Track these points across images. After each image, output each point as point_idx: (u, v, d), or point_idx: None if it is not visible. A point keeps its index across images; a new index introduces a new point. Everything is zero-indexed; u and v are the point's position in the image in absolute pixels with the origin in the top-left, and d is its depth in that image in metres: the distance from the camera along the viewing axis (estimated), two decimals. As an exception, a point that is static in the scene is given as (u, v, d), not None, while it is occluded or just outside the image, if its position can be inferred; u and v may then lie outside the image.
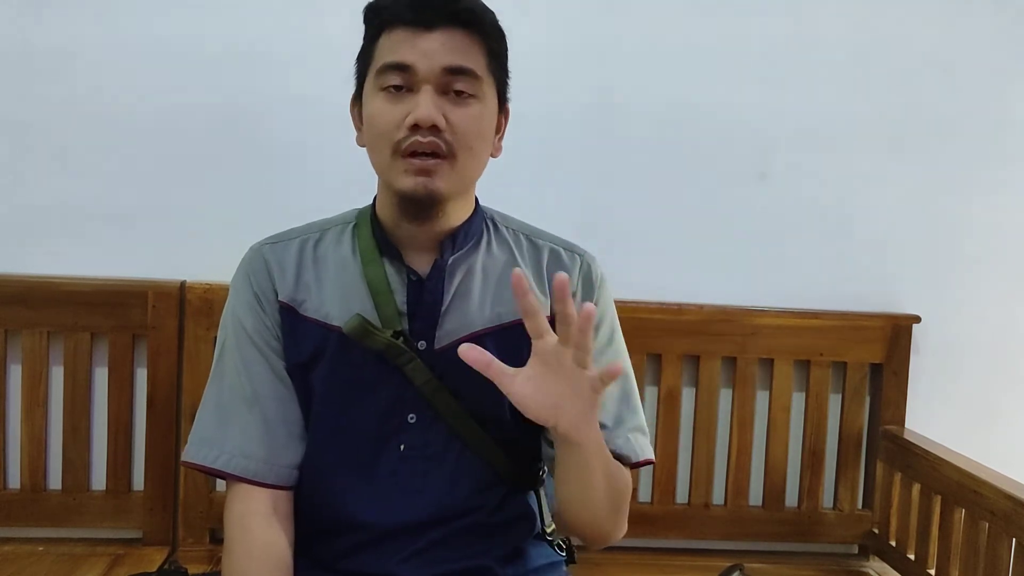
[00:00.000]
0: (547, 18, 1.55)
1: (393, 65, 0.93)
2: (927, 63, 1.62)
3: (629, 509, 1.03)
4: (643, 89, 1.58)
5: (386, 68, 0.93)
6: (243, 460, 0.98)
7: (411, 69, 0.92)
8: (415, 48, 0.92)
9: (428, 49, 0.92)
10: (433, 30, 0.92)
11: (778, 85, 1.60)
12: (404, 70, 0.92)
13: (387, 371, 0.99)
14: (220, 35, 1.50)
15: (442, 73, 0.92)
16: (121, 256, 1.50)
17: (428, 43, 0.92)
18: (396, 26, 0.94)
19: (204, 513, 1.47)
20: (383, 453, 1.00)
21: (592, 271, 1.08)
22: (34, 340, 1.46)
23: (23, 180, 1.50)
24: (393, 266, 1.01)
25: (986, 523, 1.28)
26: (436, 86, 0.93)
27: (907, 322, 1.60)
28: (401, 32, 0.93)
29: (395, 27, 0.94)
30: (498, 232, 1.08)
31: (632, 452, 1.04)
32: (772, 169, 1.62)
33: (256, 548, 0.96)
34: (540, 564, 1.08)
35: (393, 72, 0.93)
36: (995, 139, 1.65)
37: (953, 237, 1.66)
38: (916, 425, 1.60)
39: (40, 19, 1.47)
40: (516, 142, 1.43)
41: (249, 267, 1.04)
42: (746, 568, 1.27)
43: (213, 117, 1.51)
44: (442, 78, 0.93)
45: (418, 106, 0.91)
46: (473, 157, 0.96)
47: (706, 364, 1.57)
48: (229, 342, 1.03)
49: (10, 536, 1.47)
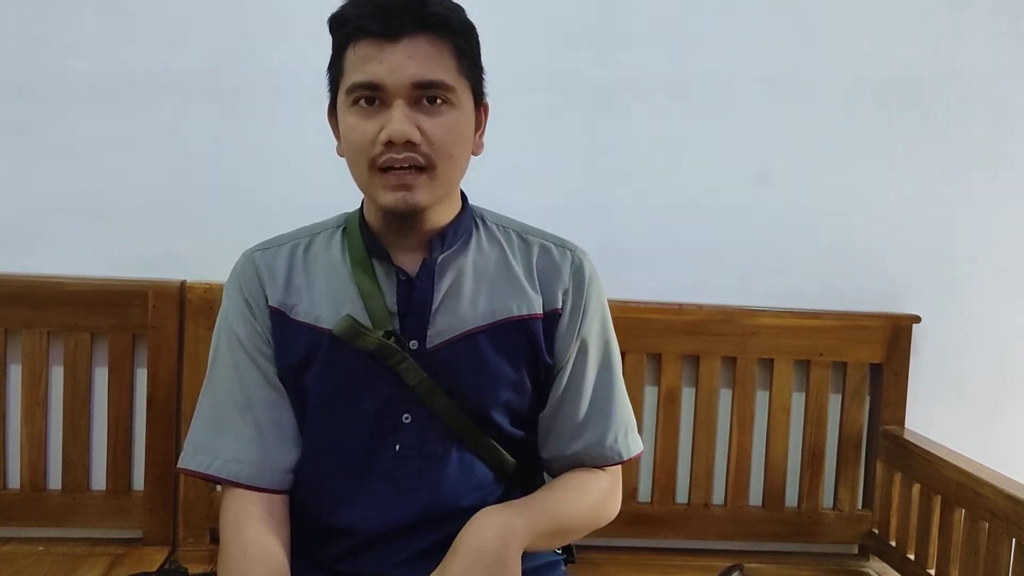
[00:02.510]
0: (546, 10, 1.55)
1: (362, 84, 0.92)
2: (927, 63, 1.62)
3: (629, 509, 1.05)
4: (643, 88, 1.58)
5: (356, 87, 0.93)
6: (237, 465, 0.99)
7: (380, 87, 0.92)
8: (382, 63, 0.91)
9: (395, 63, 0.91)
10: (399, 40, 0.91)
11: (779, 85, 1.60)
12: (374, 88, 0.92)
13: (380, 372, 0.99)
14: (221, 35, 1.50)
15: (412, 88, 0.92)
16: (121, 256, 1.51)
17: (395, 56, 0.91)
18: (361, 38, 0.92)
19: (204, 513, 1.47)
20: (378, 454, 1.01)
21: (583, 266, 1.08)
22: (34, 340, 1.46)
23: (24, 180, 1.50)
24: (382, 267, 1.02)
25: (986, 523, 1.28)
26: (407, 99, 0.92)
27: (907, 322, 1.60)
28: (366, 46, 0.92)
29: (360, 39, 0.92)
30: (488, 229, 1.08)
31: (617, 454, 1.07)
32: (772, 169, 1.62)
33: (251, 550, 0.96)
34: (539, 563, 1.08)
35: (363, 90, 0.92)
36: (995, 139, 1.65)
37: (953, 237, 1.66)
38: (916, 425, 1.59)
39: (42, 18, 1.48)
40: (516, 140, 1.44)
41: (240, 274, 1.05)
42: (746, 568, 1.27)
43: (213, 117, 1.51)
44: (413, 92, 0.92)
45: (391, 122, 0.91)
46: (453, 164, 0.96)
47: (706, 364, 1.57)
48: (222, 349, 1.04)
49: (10, 536, 1.47)
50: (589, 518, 1.06)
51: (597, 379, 1.07)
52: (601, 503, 1.07)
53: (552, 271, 1.06)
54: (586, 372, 1.06)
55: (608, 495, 1.08)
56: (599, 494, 1.06)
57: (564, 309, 1.05)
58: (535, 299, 1.04)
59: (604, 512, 1.08)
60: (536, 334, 1.03)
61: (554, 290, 1.05)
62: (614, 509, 1.09)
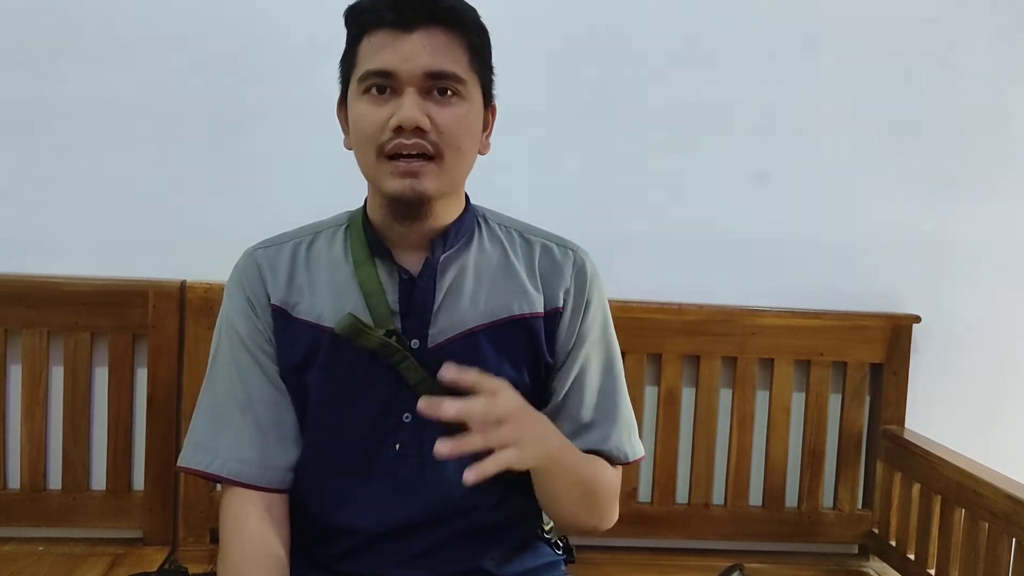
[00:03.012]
0: (548, 14, 1.55)
1: (375, 72, 0.93)
2: (928, 63, 1.62)
3: (629, 509, 1.04)
4: (644, 88, 1.58)
5: (369, 74, 0.93)
6: (237, 464, 0.99)
7: (393, 75, 0.92)
8: (396, 52, 0.92)
9: (409, 52, 0.92)
10: (413, 31, 0.92)
11: (779, 85, 1.60)
12: (386, 76, 0.92)
13: (381, 370, 0.99)
14: (219, 36, 1.50)
15: (424, 77, 0.92)
16: (121, 256, 1.51)
17: (409, 46, 0.92)
18: (377, 29, 0.93)
19: (204, 513, 1.47)
20: (379, 453, 1.01)
21: (585, 266, 1.08)
22: (34, 340, 1.46)
23: (24, 180, 1.50)
24: (385, 266, 1.02)
25: (986, 523, 1.28)
26: (419, 88, 0.93)
27: (907, 322, 1.60)
28: (382, 35, 0.93)
29: (376, 30, 0.93)
30: (490, 229, 1.08)
31: (624, 454, 1.06)
32: (772, 169, 1.62)
33: (251, 548, 0.96)
34: (538, 564, 1.08)
35: (376, 77, 0.93)
36: (995, 139, 1.65)
37: (953, 237, 1.66)
38: (916, 425, 1.59)
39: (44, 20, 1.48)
40: (516, 141, 1.44)
41: (242, 272, 1.05)
42: (746, 568, 1.27)
43: (214, 118, 1.51)
44: (424, 82, 0.93)
45: (402, 108, 0.91)
46: (460, 156, 0.96)
47: (706, 364, 1.57)
48: (223, 347, 1.04)
49: (10, 536, 1.47)
50: (595, 490, 1.03)
51: (601, 380, 1.07)
52: (608, 490, 1.04)
53: (554, 271, 1.06)
54: (589, 371, 1.06)
55: (615, 488, 1.06)
56: (611, 480, 1.05)
57: (565, 308, 1.05)
58: (536, 298, 1.04)
59: (606, 501, 1.05)
60: (537, 333, 1.03)
61: (556, 289, 1.05)
62: (613, 512, 1.06)
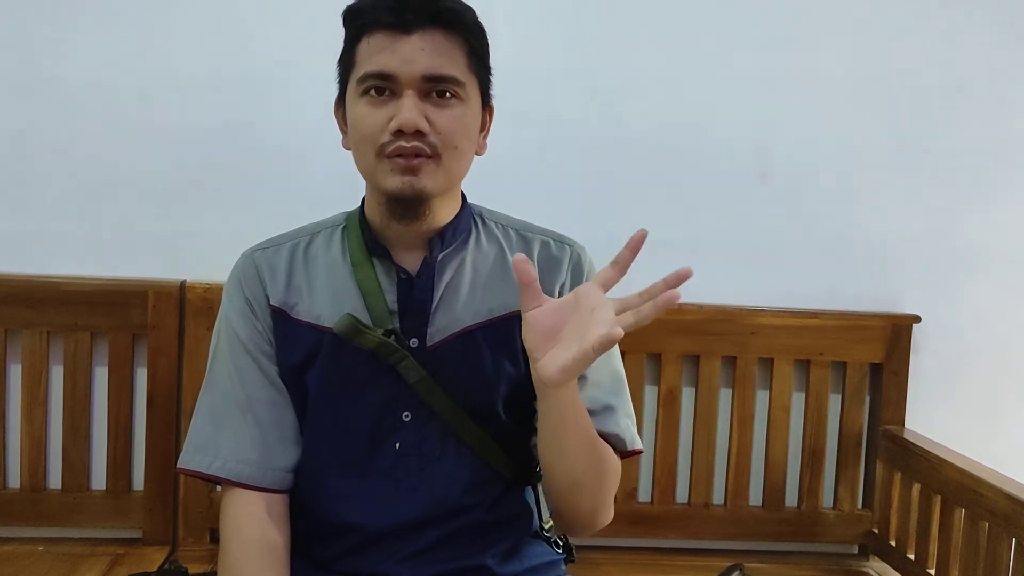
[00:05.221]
0: (546, 21, 1.55)
1: (374, 74, 0.93)
2: (928, 64, 1.62)
3: (629, 509, 1.03)
4: (645, 90, 1.58)
5: (368, 76, 0.93)
6: (237, 465, 0.99)
7: (392, 77, 0.92)
8: (395, 54, 0.92)
9: (408, 55, 0.92)
10: (412, 33, 0.92)
11: (779, 87, 1.60)
12: (385, 78, 0.93)
13: (380, 370, 0.99)
14: (222, 33, 1.51)
15: (423, 80, 0.93)
16: (121, 256, 1.50)
17: (408, 48, 0.92)
18: (375, 30, 0.93)
19: (204, 513, 1.47)
20: (379, 452, 1.01)
21: (581, 260, 1.08)
22: (34, 340, 1.46)
23: (24, 180, 1.50)
24: (383, 266, 1.02)
25: (986, 523, 1.28)
26: (418, 91, 0.93)
27: (907, 322, 1.60)
28: (380, 37, 0.93)
29: (374, 31, 0.93)
30: (487, 227, 1.08)
31: (629, 438, 1.05)
32: (772, 169, 1.62)
33: (251, 548, 0.97)
34: (538, 562, 1.08)
35: (375, 79, 0.93)
36: (995, 139, 1.65)
37: (953, 237, 1.66)
38: (916, 425, 1.59)
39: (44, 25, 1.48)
40: (517, 142, 1.44)
41: (241, 273, 1.05)
42: (746, 568, 1.27)
43: (213, 118, 1.51)
44: (423, 84, 0.93)
45: (401, 110, 0.91)
46: (458, 155, 0.97)
47: (706, 364, 1.57)
48: (222, 348, 1.04)
49: (10, 536, 1.47)
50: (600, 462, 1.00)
51: (601, 371, 1.05)
52: (611, 471, 1.02)
53: (550, 265, 1.06)
54: None
55: (616, 474, 1.04)
56: (615, 463, 1.03)
57: None
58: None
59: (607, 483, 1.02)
60: None
61: (552, 284, 1.05)
62: (610, 503, 1.04)
